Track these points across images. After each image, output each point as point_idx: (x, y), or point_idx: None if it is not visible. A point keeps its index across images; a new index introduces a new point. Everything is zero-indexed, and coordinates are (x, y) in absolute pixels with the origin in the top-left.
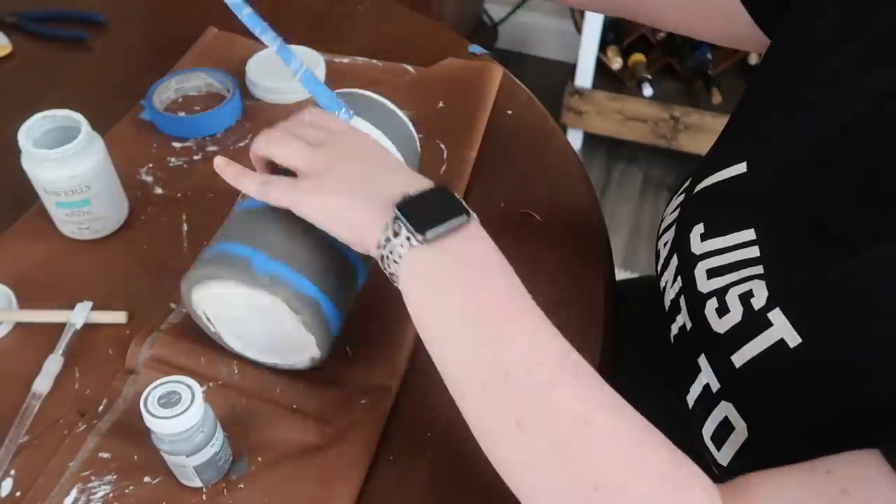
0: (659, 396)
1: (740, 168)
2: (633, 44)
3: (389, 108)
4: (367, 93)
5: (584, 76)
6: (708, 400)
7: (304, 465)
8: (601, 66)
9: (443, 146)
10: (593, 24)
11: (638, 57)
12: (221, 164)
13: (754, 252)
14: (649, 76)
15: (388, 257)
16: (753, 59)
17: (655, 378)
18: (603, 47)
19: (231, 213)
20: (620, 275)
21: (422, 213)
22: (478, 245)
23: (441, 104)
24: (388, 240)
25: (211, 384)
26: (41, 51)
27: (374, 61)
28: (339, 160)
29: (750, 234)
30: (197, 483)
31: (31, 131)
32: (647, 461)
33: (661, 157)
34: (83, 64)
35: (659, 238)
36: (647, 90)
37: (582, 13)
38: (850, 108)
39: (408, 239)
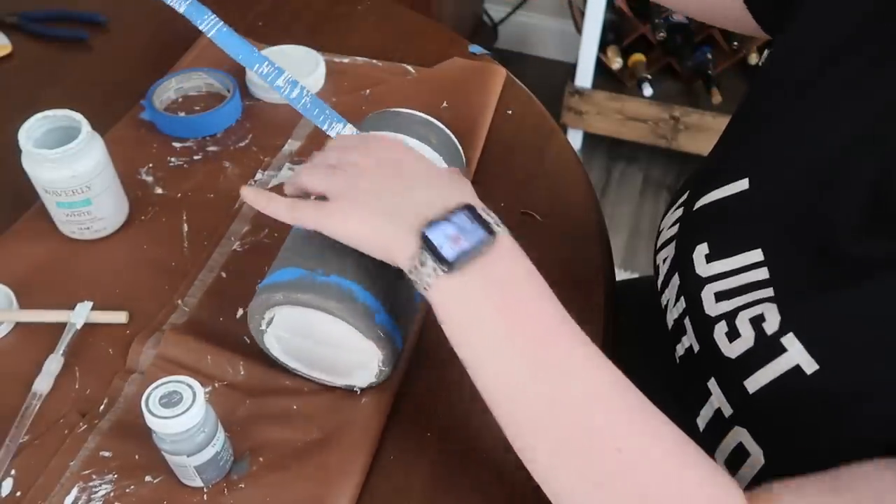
0: (662, 406)
1: (742, 185)
2: (633, 44)
3: (435, 125)
4: (418, 113)
5: (584, 76)
6: (721, 424)
7: (305, 465)
8: (601, 66)
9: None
10: (593, 24)
11: (638, 57)
12: (250, 195)
13: (763, 274)
14: (649, 76)
15: (417, 282)
16: (753, 59)
17: (658, 386)
18: (603, 47)
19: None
20: (620, 275)
21: (447, 240)
22: (505, 265)
23: (444, 104)
24: (415, 267)
25: (217, 384)
26: (41, 51)
27: (374, 61)
28: (361, 178)
29: (758, 255)
30: (198, 483)
31: (32, 131)
32: (689, 483)
33: (661, 157)
34: (83, 64)
35: (657, 252)
36: (647, 90)
37: (582, 13)
38: (855, 122)
39: (434, 270)
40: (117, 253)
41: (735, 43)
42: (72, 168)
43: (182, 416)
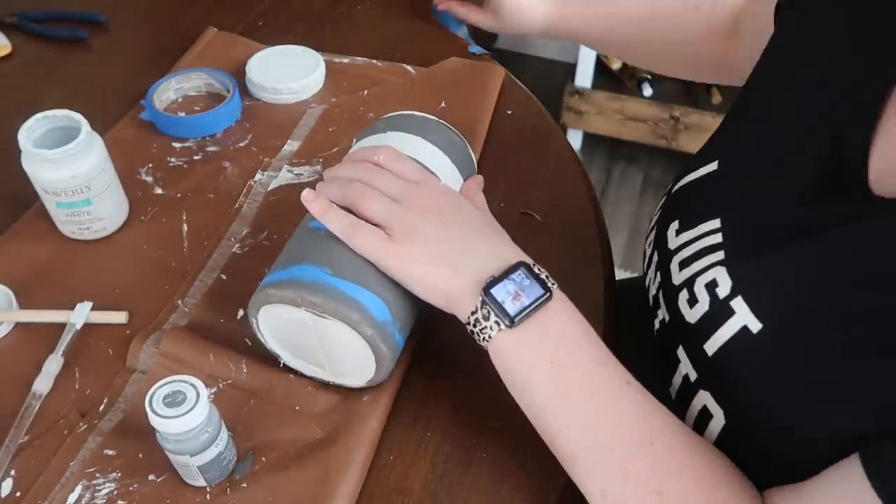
0: (656, 395)
1: (712, 167)
2: None
3: (449, 129)
4: (428, 116)
5: (584, 76)
6: (688, 390)
7: (306, 465)
8: (601, 66)
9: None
10: None
11: None
12: (309, 198)
13: (717, 239)
14: (649, 76)
15: (476, 333)
16: None
17: (647, 377)
18: None
19: (306, 225)
20: (620, 275)
21: (509, 296)
22: (561, 320)
23: (443, 104)
24: (476, 321)
25: (221, 384)
26: (41, 51)
27: (374, 61)
28: (425, 220)
29: (715, 224)
30: (201, 482)
31: (31, 131)
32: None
33: (661, 157)
34: (83, 64)
35: (646, 238)
36: (647, 90)
37: None
38: (817, 105)
39: (496, 323)
40: (117, 253)
41: None
42: (71, 168)
43: (186, 416)
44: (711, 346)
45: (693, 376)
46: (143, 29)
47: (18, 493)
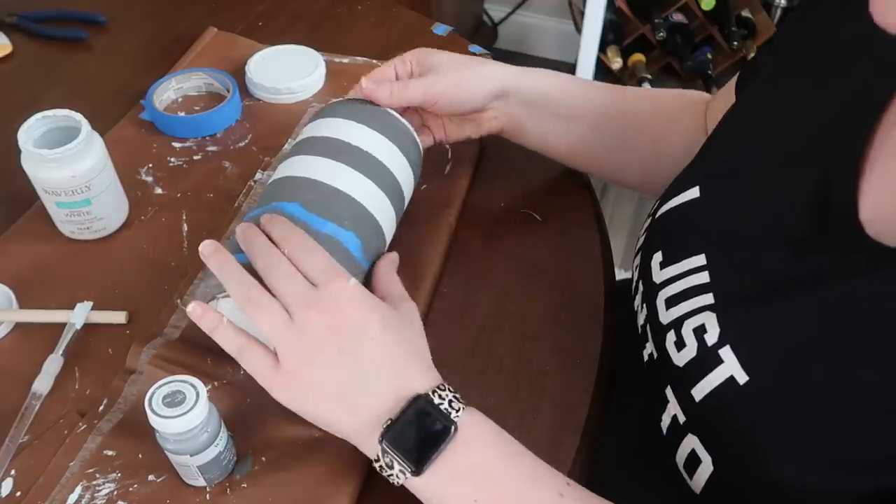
0: (645, 415)
1: (694, 193)
2: (633, 44)
3: (390, 114)
4: (367, 102)
5: (584, 76)
6: (677, 431)
7: (307, 464)
8: (601, 66)
9: (447, 145)
10: (593, 24)
11: (638, 57)
12: (196, 313)
13: (705, 278)
14: (649, 76)
15: (386, 477)
16: None
17: (639, 396)
18: (603, 47)
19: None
20: (620, 275)
21: (411, 442)
22: (471, 452)
23: None
24: (381, 468)
25: (216, 383)
26: (41, 51)
27: (374, 61)
28: (316, 352)
29: (701, 260)
30: (201, 482)
31: (31, 131)
32: None
33: None
34: (83, 64)
35: (633, 261)
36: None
37: (582, 13)
38: (798, 135)
39: (402, 472)
40: (117, 253)
41: (735, 43)
42: (71, 168)
43: (185, 416)
44: (699, 391)
45: (682, 419)
46: (143, 29)
47: (18, 493)
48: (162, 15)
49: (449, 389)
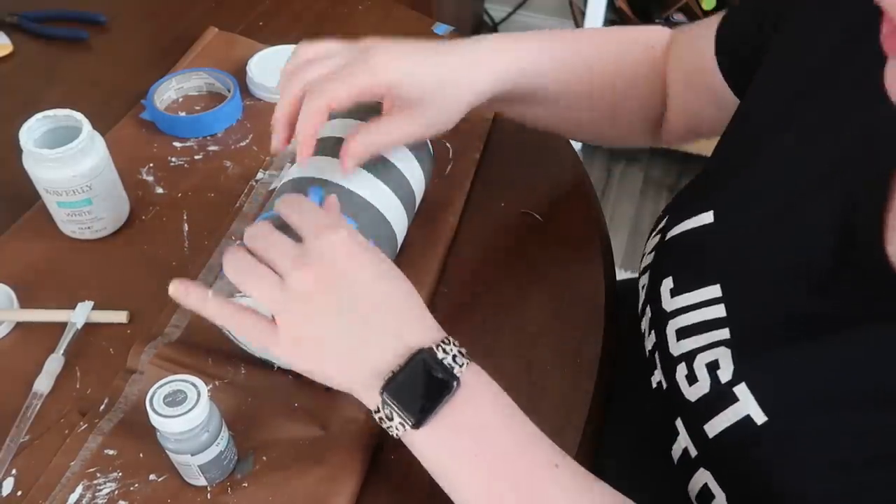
0: (648, 427)
1: (707, 217)
2: None
3: None
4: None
5: None
6: (688, 464)
7: (307, 464)
8: None
9: (449, 145)
10: (593, 24)
11: None
12: (181, 289)
13: (720, 311)
14: None
15: (385, 429)
16: None
17: (646, 403)
18: None
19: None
20: (620, 275)
21: (412, 394)
22: (472, 407)
23: None
24: (381, 419)
25: (217, 382)
26: (41, 51)
27: None
28: (315, 314)
29: (716, 291)
30: (202, 482)
31: (32, 131)
32: None
33: (661, 157)
34: (83, 64)
35: (639, 276)
36: None
37: (582, 13)
38: (819, 163)
39: (402, 424)
40: (118, 253)
41: None
42: (72, 168)
43: (186, 415)
44: (712, 428)
45: (693, 453)
46: (144, 29)
47: (20, 493)
48: (162, 15)
49: (454, 344)
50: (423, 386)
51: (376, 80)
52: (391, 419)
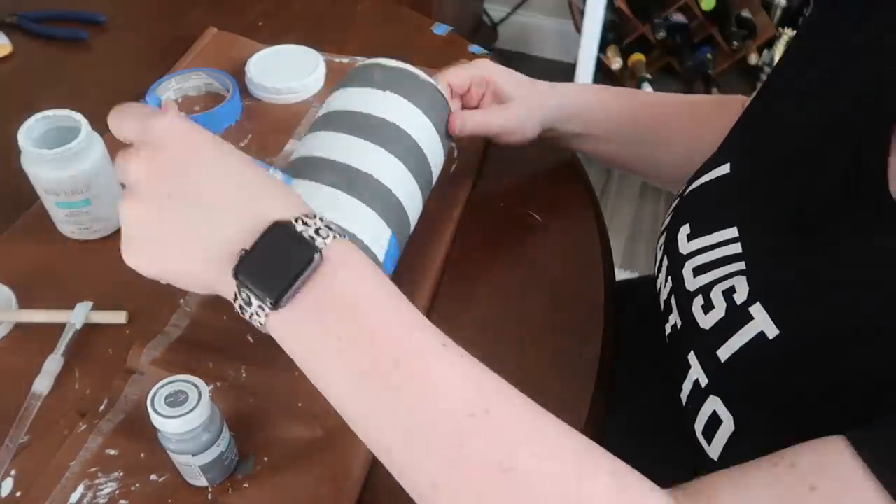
0: (658, 397)
1: (724, 169)
2: (632, 44)
3: (422, 79)
4: (398, 64)
5: (584, 76)
6: (698, 395)
7: (308, 464)
8: (601, 66)
9: (452, 144)
10: (593, 24)
11: (638, 57)
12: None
13: (737, 249)
14: (649, 76)
15: (248, 320)
16: (753, 59)
17: (654, 378)
18: (603, 47)
19: None
20: (620, 275)
21: (268, 272)
22: (339, 282)
23: None
24: (241, 307)
25: (218, 383)
26: (41, 51)
27: None
28: (147, 207)
29: (732, 232)
30: (203, 482)
31: (31, 131)
32: (585, 493)
33: None
34: (83, 64)
35: (657, 241)
36: (647, 90)
37: (582, 13)
38: (830, 108)
39: (260, 308)
40: (117, 253)
41: (735, 43)
42: (71, 168)
43: (187, 416)
44: (725, 351)
45: (703, 382)
46: (143, 29)
47: (19, 493)
48: (162, 15)
49: (320, 219)
50: (280, 262)
51: (483, 72)
52: (249, 304)
